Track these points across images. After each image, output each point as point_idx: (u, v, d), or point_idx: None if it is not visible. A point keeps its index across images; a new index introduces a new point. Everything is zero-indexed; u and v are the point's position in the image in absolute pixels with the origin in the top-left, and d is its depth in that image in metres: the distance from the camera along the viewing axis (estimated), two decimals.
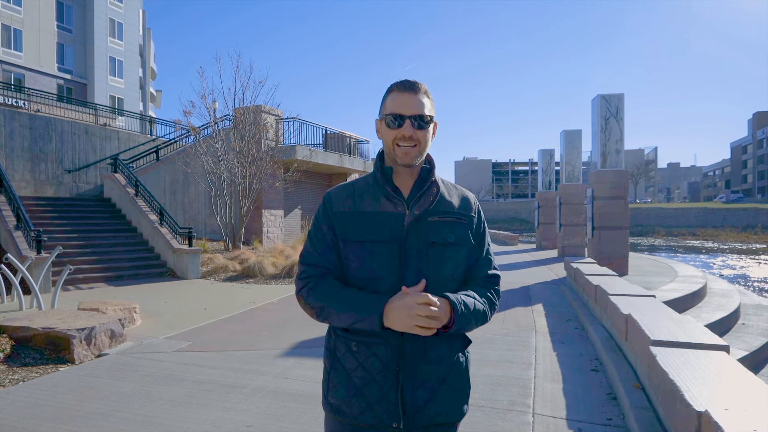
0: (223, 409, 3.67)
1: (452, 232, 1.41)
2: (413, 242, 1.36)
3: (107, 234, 12.34)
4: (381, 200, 1.40)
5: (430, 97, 1.42)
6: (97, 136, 17.05)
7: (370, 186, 1.44)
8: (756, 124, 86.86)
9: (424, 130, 1.38)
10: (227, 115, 15.34)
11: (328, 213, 1.44)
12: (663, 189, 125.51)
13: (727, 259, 28.77)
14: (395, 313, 1.26)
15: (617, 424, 3.29)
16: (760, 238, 42.65)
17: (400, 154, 1.38)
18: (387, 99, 1.42)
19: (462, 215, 1.46)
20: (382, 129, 1.42)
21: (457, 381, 1.42)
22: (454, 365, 1.42)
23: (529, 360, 4.76)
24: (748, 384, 2.45)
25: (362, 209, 1.41)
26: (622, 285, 6.04)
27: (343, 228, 1.40)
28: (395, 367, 1.34)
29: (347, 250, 1.39)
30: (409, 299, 1.26)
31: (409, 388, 1.35)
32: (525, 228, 56.38)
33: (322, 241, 1.43)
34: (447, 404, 1.39)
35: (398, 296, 1.29)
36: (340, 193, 1.46)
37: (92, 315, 5.72)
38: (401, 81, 1.41)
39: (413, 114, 1.36)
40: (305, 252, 1.46)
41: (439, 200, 1.43)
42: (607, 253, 10.47)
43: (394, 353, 1.34)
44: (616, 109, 11.01)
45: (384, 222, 1.38)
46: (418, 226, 1.38)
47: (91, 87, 34.91)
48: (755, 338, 6.60)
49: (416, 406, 1.35)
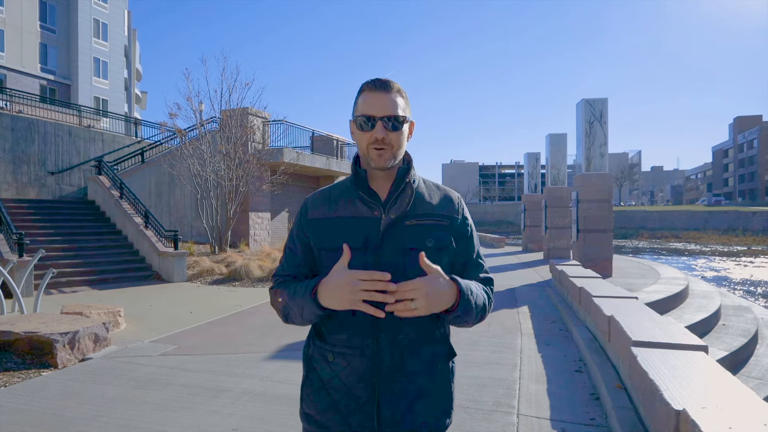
0: (209, 412, 3.66)
1: (431, 236, 1.32)
2: (389, 248, 1.28)
3: (91, 237, 12.19)
4: (357, 204, 1.33)
5: (405, 95, 1.34)
6: (81, 137, 16.86)
7: (347, 190, 1.37)
8: (736, 129, 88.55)
9: (398, 132, 1.30)
10: (213, 117, 15.27)
11: (302, 223, 1.39)
12: (647, 192, 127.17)
13: (709, 261, 29.24)
14: (331, 294, 1.20)
15: (600, 423, 3.35)
16: (741, 240, 43.45)
17: (374, 157, 1.30)
18: (358, 99, 1.33)
19: (442, 216, 1.36)
20: (354, 131, 1.34)
21: (438, 393, 1.35)
22: (436, 377, 1.35)
23: (515, 361, 4.81)
24: (725, 383, 2.51)
25: (337, 215, 1.34)
26: (605, 287, 6.12)
27: (317, 236, 1.35)
28: (371, 378, 1.28)
29: (322, 258, 1.33)
30: (350, 274, 1.17)
31: (386, 400, 1.29)
32: (511, 230, 56.71)
33: (293, 249, 1.40)
34: (426, 417, 1.32)
35: (333, 273, 1.21)
36: (316, 200, 1.41)
37: (76, 319, 5.66)
38: (372, 80, 1.32)
39: (385, 115, 1.28)
40: (278, 267, 1.44)
41: (416, 201, 1.34)
42: (592, 255, 10.60)
43: (371, 364, 1.28)
44: (600, 113, 11.15)
45: (359, 227, 1.30)
46: (393, 230, 1.30)
47: (75, 88, 34.48)
48: (735, 339, 6.73)
49: (393, 420, 1.29)
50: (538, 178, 18.91)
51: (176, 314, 7.50)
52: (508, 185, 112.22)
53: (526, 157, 18.68)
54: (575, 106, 11.75)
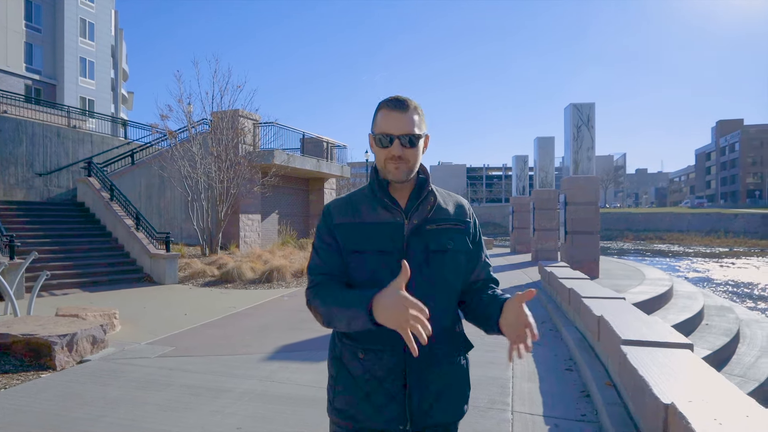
0: (212, 412, 3.74)
1: (451, 239, 1.47)
2: (414, 250, 1.41)
3: (81, 239, 12.12)
4: (379, 211, 1.44)
5: (420, 112, 1.43)
6: (69, 138, 16.73)
7: (367, 198, 1.48)
8: (719, 132, 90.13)
9: (414, 148, 1.41)
10: (204, 119, 15.27)
11: (329, 225, 1.48)
12: (631, 194, 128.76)
13: (692, 262, 29.79)
14: (384, 312, 1.22)
15: (591, 419, 3.49)
16: (723, 241, 44.30)
17: (392, 171, 1.41)
18: (377, 116, 1.44)
19: (459, 221, 1.51)
20: (373, 145, 1.45)
21: (459, 383, 1.50)
22: (457, 369, 1.50)
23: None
24: (710, 379, 2.65)
25: (362, 220, 1.44)
26: (594, 288, 6.29)
27: (345, 238, 1.44)
28: (402, 373, 1.40)
29: (350, 259, 1.43)
30: (404, 300, 1.19)
31: (416, 392, 1.40)
32: (499, 232, 57.17)
33: (326, 250, 1.47)
34: (450, 406, 1.47)
35: (388, 292, 1.22)
36: (339, 206, 1.50)
37: (73, 321, 5.68)
38: (390, 99, 1.43)
39: (402, 133, 1.39)
40: (312, 263, 1.50)
41: (437, 209, 1.47)
42: (579, 257, 10.79)
43: (400, 360, 1.39)
44: (587, 117, 11.37)
45: (384, 232, 1.42)
46: (417, 234, 1.43)
47: (61, 88, 34.08)
48: (718, 338, 6.94)
49: (422, 410, 1.41)
50: (526, 180, 19.14)
51: (171, 316, 7.53)
52: (496, 187, 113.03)
53: (514, 160, 18.89)
54: (563, 110, 11.97)
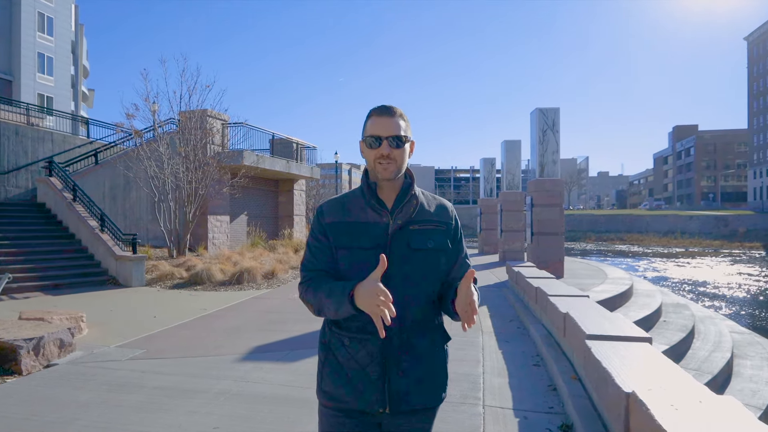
0: (188, 413, 3.74)
1: (431, 238, 1.59)
2: (396, 248, 1.54)
3: (42, 241, 11.74)
4: (367, 211, 1.58)
5: (406, 119, 1.59)
6: (28, 137, 16.16)
7: (357, 199, 1.61)
8: (675, 137, 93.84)
9: (401, 149, 1.56)
10: (171, 119, 14.99)
11: (321, 223, 1.62)
12: (593, 196, 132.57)
13: (651, 262, 30.95)
14: (362, 299, 1.39)
15: (558, 411, 3.66)
16: (679, 242, 46.18)
17: (381, 170, 1.55)
18: (367, 123, 1.59)
19: (440, 222, 1.64)
20: (364, 149, 1.59)
21: (436, 372, 1.62)
22: (436, 357, 1.63)
23: (477, 357, 5.11)
24: (668, 369, 2.85)
25: (351, 219, 1.58)
26: (559, 287, 6.52)
27: (335, 236, 1.58)
28: (382, 360, 1.53)
29: (338, 255, 1.57)
30: (376, 289, 1.36)
31: (394, 378, 1.54)
32: (467, 233, 57.82)
33: (318, 248, 1.61)
34: (428, 392, 1.59)
35: (366, 282, 1.40)
36: (331, 206, 1.64)
37: (38, 324, 5.55)
38: (379, 106, 1.59)
39: (390, 135, 1.53)
40: (305, 260, 1.64)
41: (419, 210, 1.61)
42: (545, 257, 11.11)
43: (381, 348, 1.53)
44: (552, 122, 11.74)
45: (370, 231, 1.56)
46: (400, 234, 1.56)
47: (17, 84, 32.72)
48: (674, 333, 7.29)
49: (400, 394, 1.54)
50: (494, 182, 19.54)
51: (140, 319, 7.41)
52: (463, 189, 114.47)
53: (482, 162, 19.26)
54: (529, 115, 12.31)
